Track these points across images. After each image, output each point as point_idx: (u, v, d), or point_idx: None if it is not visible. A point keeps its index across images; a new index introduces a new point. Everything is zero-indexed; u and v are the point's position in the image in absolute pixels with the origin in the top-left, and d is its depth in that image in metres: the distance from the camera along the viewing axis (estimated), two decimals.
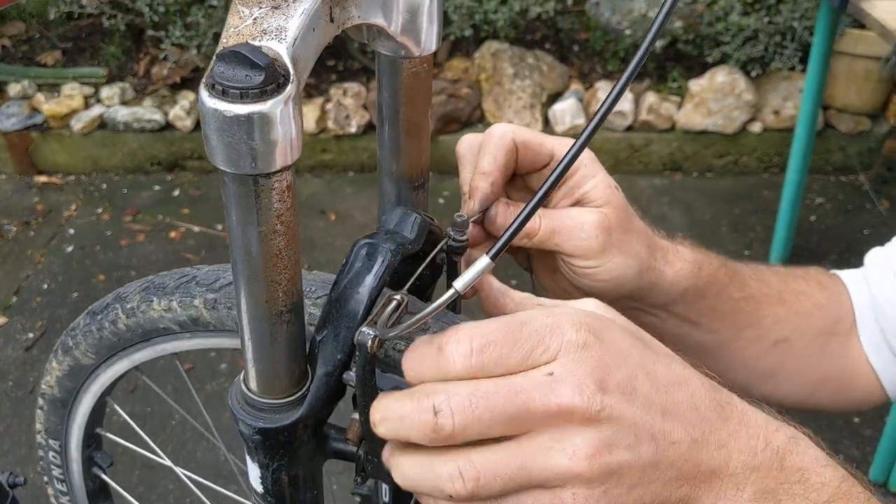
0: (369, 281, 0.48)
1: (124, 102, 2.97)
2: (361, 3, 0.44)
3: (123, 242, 2.67)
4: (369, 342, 0.42)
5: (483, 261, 0.42)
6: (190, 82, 3.08)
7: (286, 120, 0.37)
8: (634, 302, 0.59)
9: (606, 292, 0.57)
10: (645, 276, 0.57)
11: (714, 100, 2.85)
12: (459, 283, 0.42)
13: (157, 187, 2.96)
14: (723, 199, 2.88)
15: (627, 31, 2.89)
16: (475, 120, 2.92)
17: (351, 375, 0.45)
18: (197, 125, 2.95)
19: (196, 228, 2.72)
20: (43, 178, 3.05)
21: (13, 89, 3.03)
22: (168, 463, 0.80)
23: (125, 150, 2.99)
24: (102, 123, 2.96)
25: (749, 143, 2.95)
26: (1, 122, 2.95)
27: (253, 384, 0.48)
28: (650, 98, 2.89)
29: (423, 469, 0.40)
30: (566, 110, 2.86)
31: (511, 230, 0.43)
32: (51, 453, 0.79)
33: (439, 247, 0.53)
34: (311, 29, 0.40)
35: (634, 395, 0.39)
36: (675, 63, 2.97)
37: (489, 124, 2.88)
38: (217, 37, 2.87)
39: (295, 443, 0.49)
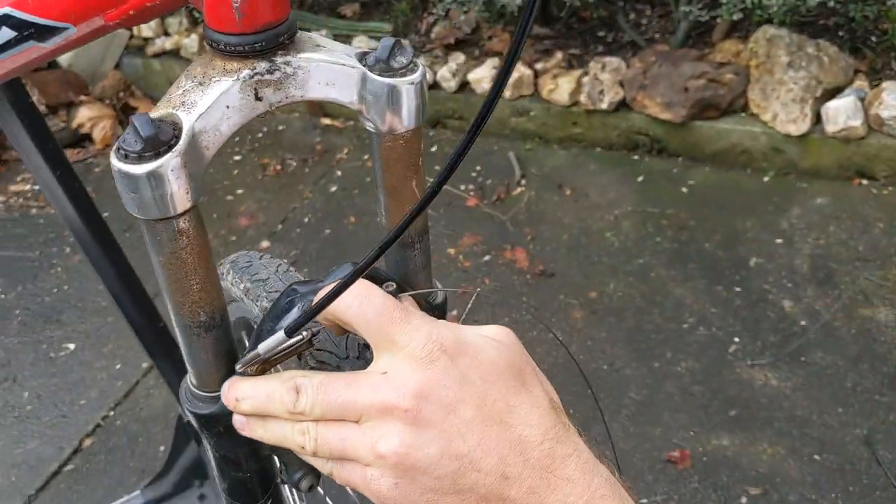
0: (281, 324, 0.55)
1: None
2: (302, 85, 0.50)
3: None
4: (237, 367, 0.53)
5: (279, 335, 0.49)
6: (463, 44, 3.24)
7: (161, 181, 0.45)
8: None
9: None
10: None
11: None
12: (262, 348, 0.51)
13: None
14: None
15: None
16: (737, 108, 2.75)
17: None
18: (461, 87, 3.10)
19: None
20: (327, 121, 3.40)
21: None
22: None
23: None
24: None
25: None
26: None
27: (190, 377, 0.58)
28: None
29: (283, 429, 0.49)
30: (841, 109, 2.59)
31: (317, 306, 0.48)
32: None
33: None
34: (224, 105, 0.47)
35: (453, 416, 0.44)
36: None
37: (751, 115, 2.71)
38: (486, 3, 2.97)
39: (223, 427, 0.58)
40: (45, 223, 2.98)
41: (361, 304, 0.47)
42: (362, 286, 0.48)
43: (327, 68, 0.49)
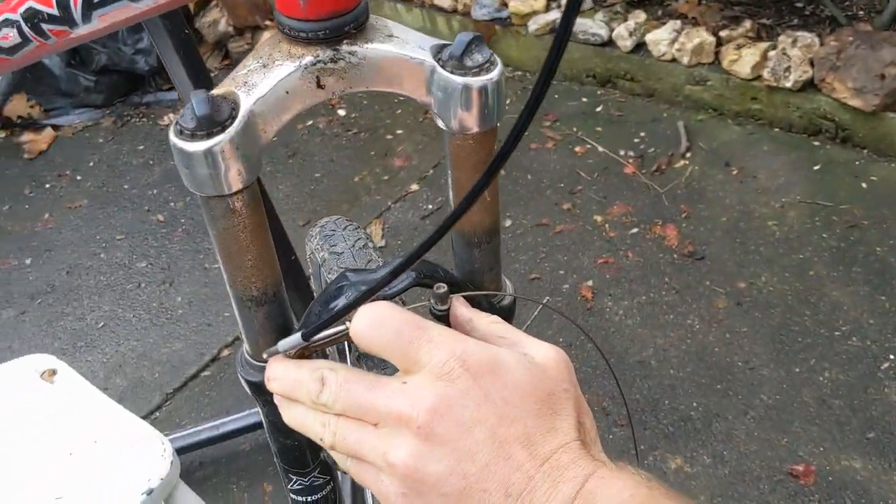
0: (333, 310, 0.54)
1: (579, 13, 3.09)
2: (367, 76, 0.48)
3: (533, 145, 2.86)
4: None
5: (295, 337, 0.49)
6: (646, 2, 3.09)
7: (214, 160, 0.45)
8: None
9: None
10: None
11: None
12: (281, 346, 0.50)
13: (584, 99, 3.08)
14: None
15: None
16: None
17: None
18: (636, 48, 2.97)
19: (600, 149, 2.80)
20: None
21: None
22: None
23: (568, 57, 3.13)
24: (553, 29, 3.14)
25: None
26: (475, 11, 3.29)
27: (245, 345, 0.59)
28: None
29: (306, 417, 0.49)
30: None
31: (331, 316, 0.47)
32: None
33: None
34: (283, 90, 0.46)
35: (466, 436, 0.43)
36: None
37: None
38: None
39: (271, 396, 0.59)
40: None
41: (376, 329, 0.46)
42: (375, 309, 0.46)
43: (395, 61, 0.47)
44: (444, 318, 0.56)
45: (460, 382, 0.44)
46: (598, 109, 3.01)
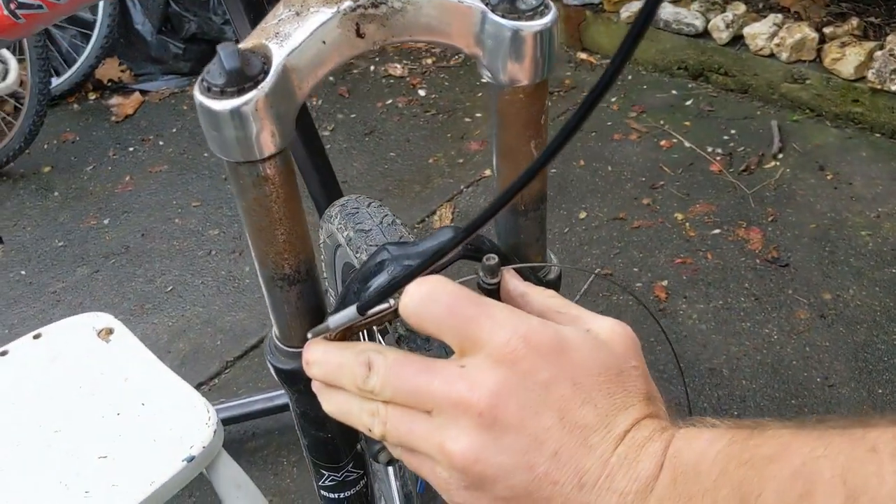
0: (370, 287, 0.50)
1: (674, 1, 2.98)
2: (411, 23, 0.43)
3: (616, 136, 2.77)
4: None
5: (350, 311, 0.44)
6: None
7: (245, 120, 0.40)
8: None
9: None
10: None
11: None
12: (332, 322, 0.45)
13: (674, 92, 2.96)
14: None
15: None
16: None
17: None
18: (733, 41, 2.83)
19: (687, 144, 2.69)
20: (583, 56, 3.27)
21: None
22: None
23: (659, 47, 3.02)
24: None
25: None
26: None
27: (274, 329, 0.55)
28: None
29: (351, 405, 0.45)
30: None
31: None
32: None
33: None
34: (320, 40, 0.42)
35: (532, 422, 0.39)
36: None
37: None
38: None
39: (303, 385, 0.55)
40: None
41: (429, 306, 0.41)
42: (427, 284, 0.41)
43: (441, 4, 0.42)
44: (493, 293, 0.52)
45: (525, 363, 0.39)
46: (688, 103, 2.89)
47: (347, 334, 0.48)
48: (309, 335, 0.48)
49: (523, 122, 0.47)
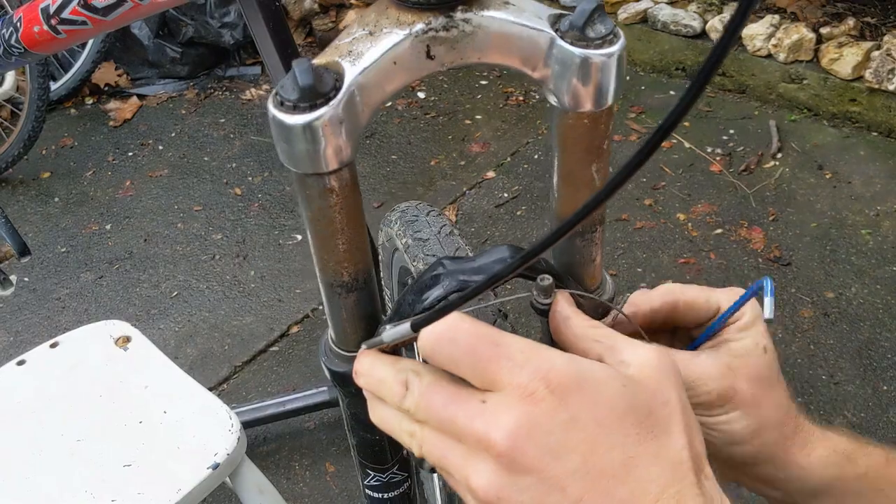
0: (425, 301, 0.51)
1: (671, 2, 3.00)
2: (480, 46, 0.44)
3: (616, 137, 2.79)
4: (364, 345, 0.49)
5: (404, 327, 0.44)
6: None
7: (315, 134, 0.41)
8: (759, 479, 0.53)
9: (715, 450, 0.51)
10: (766, 448, 0.51)
11: None
12: (387, 337, 0.46)
13: (672, 92, 2.99)
14: None
15: None
16: None
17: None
18: None
19: (686, 144, 2.71)
20: None
21: None
22: None
23: (657, 48, 3.04)
24: (644, 18, 3.04)
25: None
26: None
27: (330, 332, 0.56)
28: None
29: (394, 421, 0.45)
30: None
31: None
32: None
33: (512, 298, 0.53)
34: (391, 60, 0.43)
35: (555, 465, 0.38)
36: None
37: None
38: None
39: (355, 388, 0.56)
40: None
41: (446, 346, 0.41)
42: (442, 324, 0.41)
43: (511, 29, 0.43)
44: (544, 312, 0.52)
45: (545, 404, 0.38)
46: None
47: (399, 345, 0.49)
48: (364, 346, 0.49)
49: (585, 147, 0.47)
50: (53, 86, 3.28)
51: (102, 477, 1.14)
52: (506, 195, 2.60)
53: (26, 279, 2.49)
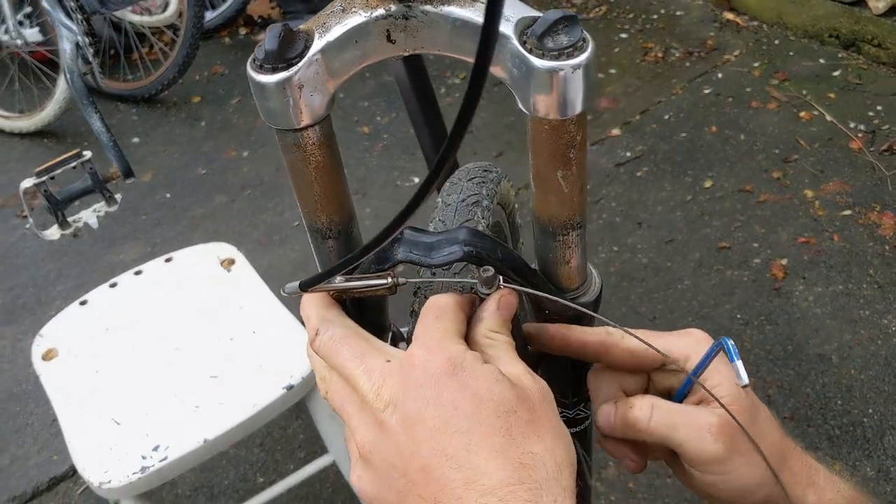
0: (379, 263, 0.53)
1: None
2: (439, 39, 0.46)
3: (754, 104, 2.67)
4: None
5: (292, 286, 0.50)
6: None
7: (281, 93, 0.46)
8: None
9: None
10: (775, 492, 0.52)
11: None
12: (288, 288, 0.51)
13: (821, 60, 2.81)
14: None
15: None
16: None
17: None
18: (889, 10, 2.65)
19: (828, 117, 2.56)
20: (730, 16, 3.14)
21: None
22: None
23: (811, 13, 2.86)
24: None
25: None
26: None
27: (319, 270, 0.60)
28: None
29: (315, 360, 0.49)
30: None
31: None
32: None
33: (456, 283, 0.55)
34: (353, 39, 0.46)
35: (409, 432, 0.41)
36: None
37: None
38: None
39: None
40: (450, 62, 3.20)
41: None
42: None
43: (467, 27, 0.44)
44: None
45: (417, 375, 0.43)
46: (835, 74, 2.74)
47: (345, 296, 0.52)
48: (283, 291, 0.53)
49: (549, 152, 0.47)
50: (210, 15, 3.47)
51: (191, 385, 1.26)
52: (628, 154, 2.56)
53: (168, 195, 2.69)
